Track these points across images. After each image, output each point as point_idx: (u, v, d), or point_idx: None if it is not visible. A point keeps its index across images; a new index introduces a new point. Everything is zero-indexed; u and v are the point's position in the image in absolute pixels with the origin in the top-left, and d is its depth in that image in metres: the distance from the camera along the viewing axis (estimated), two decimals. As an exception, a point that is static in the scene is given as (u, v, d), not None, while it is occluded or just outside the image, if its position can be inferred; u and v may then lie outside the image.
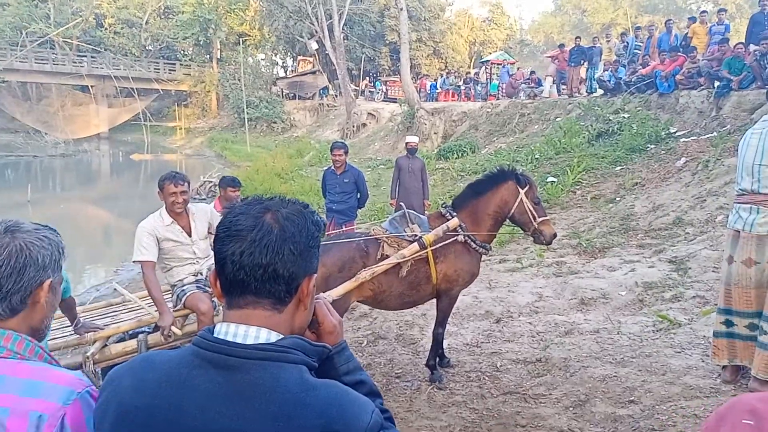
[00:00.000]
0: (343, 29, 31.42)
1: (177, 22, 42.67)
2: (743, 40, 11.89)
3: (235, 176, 5.88)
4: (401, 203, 5.60)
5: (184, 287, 4.06)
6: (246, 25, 44.82)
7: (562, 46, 18.39)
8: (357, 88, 35.98)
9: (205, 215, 4.18)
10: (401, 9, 21.40)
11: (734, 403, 0.79)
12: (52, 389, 1.09)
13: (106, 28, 44.14)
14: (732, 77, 11.13)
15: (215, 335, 0.99)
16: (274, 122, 35.01)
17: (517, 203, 4.29)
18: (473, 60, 45.89)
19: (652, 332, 4.86)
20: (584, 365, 4.42)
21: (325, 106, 36.20)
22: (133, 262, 3.98)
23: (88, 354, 3.39)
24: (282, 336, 0.99)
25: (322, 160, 22.10)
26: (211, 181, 17.54)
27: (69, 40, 40.91)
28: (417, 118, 22.19)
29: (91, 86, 38.82)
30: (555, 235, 4.48)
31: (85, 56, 39.98)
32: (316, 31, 36.01)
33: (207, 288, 4.08)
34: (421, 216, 4.53)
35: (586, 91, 17.11)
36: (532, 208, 4.30)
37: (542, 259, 7.65)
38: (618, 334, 4.97)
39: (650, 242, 7.60)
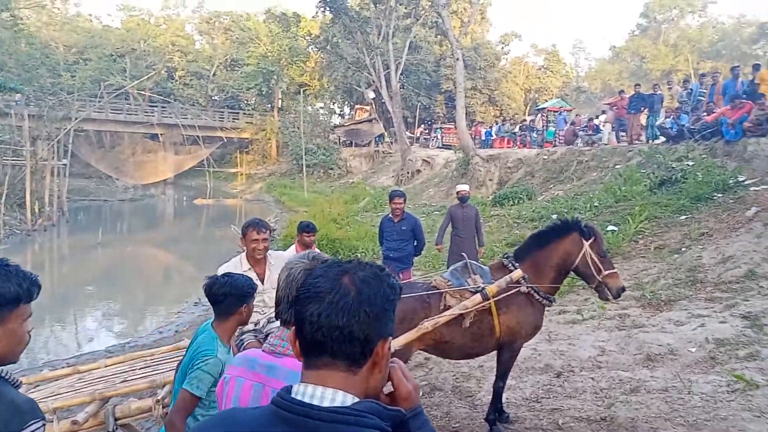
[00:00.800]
0: (399, 78, 32.23)
1: (242, 74, 44.91)
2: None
3: (310, 221, 5.99)
4: (463, 253, 5.58)
5: (243, 336, 4.12)
6: (306, 75, 46.73)
7: (621, 92, 18.18)
8: (412, 135, 36.52)
9: (283, 264, 4.26)
10: (457, 59, 21.82)
11: None
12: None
13: (176, 80, 46.95)
14: (805, 124, 10.69)
15: (293, 395, 1.02)
16: (331, 168, 35.86)
17: (581, 256, 4.20)
18: (528, 107, 45.95)
19: (726, 393, 4.58)
20: (653, 426, 4.19)
21: (381, 153, 36.83)
22: None
23: (158, 398, 3.49)
24: (357, 399, 1.02)
25: (377, 206, 22.36)
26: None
27: (142, 92, 43.63)
28: (472, 165, 22.25)
29: (161, 134, 41.03)
30: (623, 289, 4.36)
31: (156, 106, 42.46)
32: (374, 81, 37.09)
33: (261, 338, 4.13)
34: (483, 267, 4.50)
35: (647, 139, 16.76)
36: (597, 260, 4.20)
37: (604, 311, 7.39)
38: (689, 393, 4.71)
39: (720, 296, 7.23)
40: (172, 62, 47.51)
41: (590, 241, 4.23)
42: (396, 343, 3.47)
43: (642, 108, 16.51)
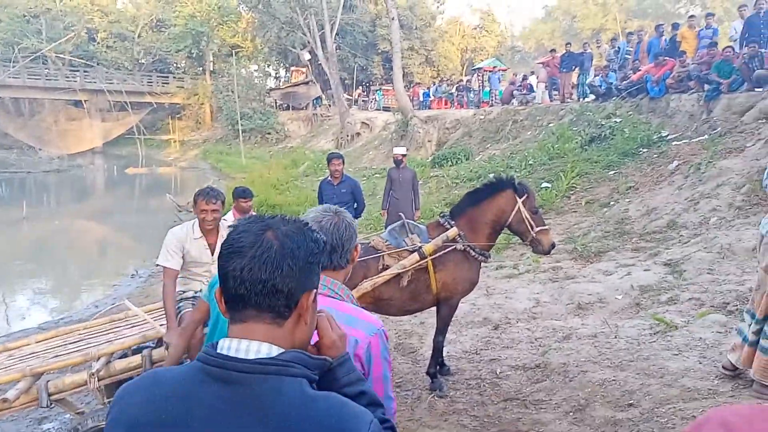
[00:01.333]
0: (335, 39, 31.59)
1: (169, 35, 42.81)
2: (730, 44, 12.00)
3: (247, 187, 5.87)
4: (400, 213, 5.64)
5: (181, 303, 4.05)
6: (238, 36, 45.00)
7: (553, 51, 18.52)
8: (350, 98, 36.12)
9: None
10: (393, 18, 21.55)
11: (711, 415, 0.83)
12: (363, 324, 1.50)
13: (98, 43, 44.25)
14: (722, 80, 11.24)
15: (218, 350, 1.03)
16: (268, 133, 35.08)
17: (514, 212, 4.34)
18: (465, 67, 46.18)
19: (649, 335, 4.91)
20: (583, 370, 4.46)
21: (319, 116, 36.30)
22: (156, 265, 3.95)
23: (93, 371, 3.41)
24: (283, 350, 1.03)
25: (317, 171, 22.15)
26: (206, 194, 17.52)
27: (61, 55, 41.00)
28: (411, 126, 22.30)
29: (84, 101, 38.85)
30: (554, 245, 4.53)
31: (78, 71, 40.06)
32: (309, 42, 36.22)
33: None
34: (420, 226, 4.57)
35: (578, 97, 17.24)
36: (529, 217, 4.35)
37: (538, 264, 7.70)
38: (615, 338, 5.02)
39: (645, 246, 7.67)
40: (92, 23, 44.59)
41: (523, 198, 4.37)
42: None
43: (573, 66, 16.92)
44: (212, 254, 3.97)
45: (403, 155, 8.81)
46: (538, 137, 15.79)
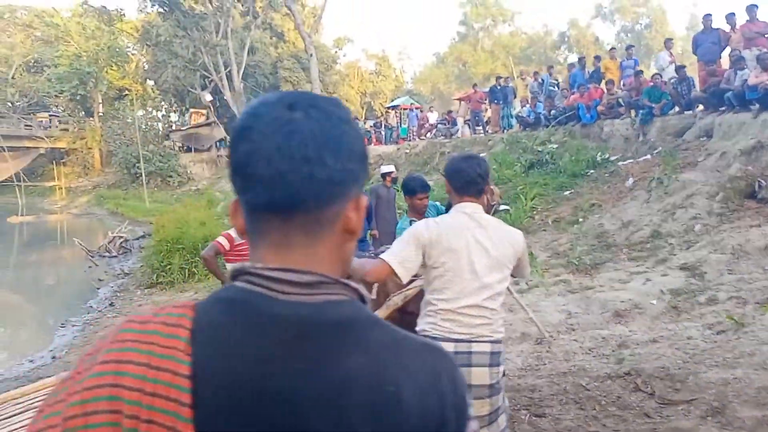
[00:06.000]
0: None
1: (48, 77, 39.54)
2: (657, 72, 12.84)
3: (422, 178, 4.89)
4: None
5: None
6: (128, 78, 42.55)
7: (475, 86, 19.09)
8: (256, 139, 35.08)
9: None
10: (311, 54, 21.40)
11: None
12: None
13: (-35, 84, 39.91)
14: (653, 105, 11.96)
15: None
16: (170, 176, 33.00)
17: None
18: (365, 110, 47.03)
19: (725, 333, 4.70)
20: (689, 371, 4.11)
21: (224, 158, 34.82)
22: None
23: None
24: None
25: (237, 210, 20.98)
26: (121, 236, 15.87)
27: None
28: (333, 162, 21.88)
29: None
30: None
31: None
32: (211, 82, 34.99)
33: None
34: None
35: (501, 129, 17.72)
36: None
37: (543, 278, 7.43)
38: (689, 339, 4.76)
39: (640, 255, 7.67)
40: (-44, 62, 40.34)
41: None
42: None
43: (500, 99, 17.44)
44: None
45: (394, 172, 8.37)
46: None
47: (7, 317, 10.72)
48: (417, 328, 2.51)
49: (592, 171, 11.91)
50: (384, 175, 8.24)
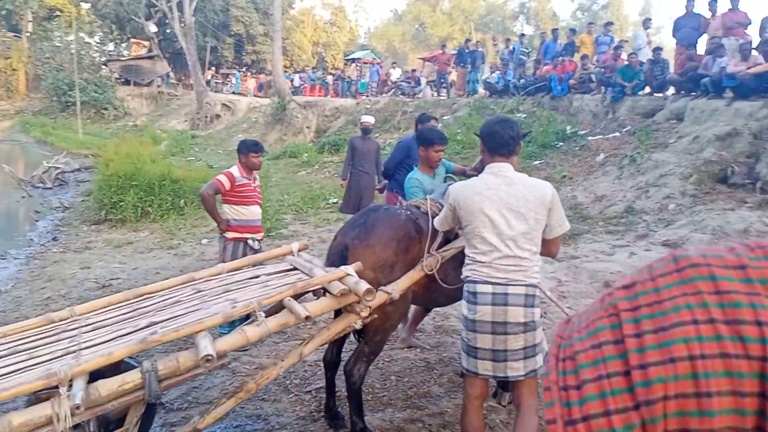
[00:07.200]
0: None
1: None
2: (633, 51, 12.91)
3: (257, 140, 5.12)
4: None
5: None
6: (61, -1, 39.13)
7: (444, 47, 18.71)
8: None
9: None
10: (275, -6, 20.17)
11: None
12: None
13: None
14: (626, 84, 12.06)
15: None
16: (105, 108, 30.91)
17: None
18: (317, 60, 45.68)
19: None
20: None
21: (166, 95, 33.00)
22: None
23: (71, 405, 2.13)
24: None
25: (184, 150, 20.03)
26: (57, 167, 14.69)
27: None
28: (288, 110, 21.09)
29: None
30: None
31: None
32: (157, 12, 32.74)
33: None
34: None
35: (467, 93, 17.54)
36: None
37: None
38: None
39: (617, 229, 7.75)
40: None
41: None
42: (399, 287, 3.09)
43: (467, 63, 17.18)
44: None
45: (372, 123, 7.99)
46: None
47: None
48: (462, 276, 2.79)
49: (561, 143, 11.95)
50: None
